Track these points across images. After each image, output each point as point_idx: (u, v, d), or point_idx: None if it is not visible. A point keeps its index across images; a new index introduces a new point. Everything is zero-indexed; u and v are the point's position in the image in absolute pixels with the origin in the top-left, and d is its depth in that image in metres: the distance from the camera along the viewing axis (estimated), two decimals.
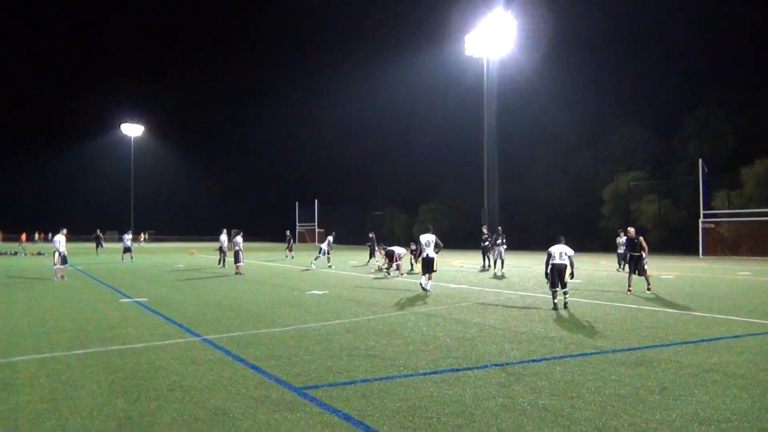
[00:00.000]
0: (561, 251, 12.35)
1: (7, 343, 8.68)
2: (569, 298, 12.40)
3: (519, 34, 46.84)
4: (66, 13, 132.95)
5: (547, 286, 12.58)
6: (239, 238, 23.19)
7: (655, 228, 45.77)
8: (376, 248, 29.56)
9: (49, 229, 28.65)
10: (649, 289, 15.37)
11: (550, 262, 12.32)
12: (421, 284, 15.85)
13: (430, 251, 15.87)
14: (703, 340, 8.84)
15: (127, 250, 33.15)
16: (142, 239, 76.32)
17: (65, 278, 19.87)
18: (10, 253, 42.42)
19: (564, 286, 12.24)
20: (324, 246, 28.05)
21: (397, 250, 22.67)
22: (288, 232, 39.17)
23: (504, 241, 23.77)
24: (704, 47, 55.55)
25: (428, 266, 15.88)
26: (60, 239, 19.92)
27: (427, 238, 16.04)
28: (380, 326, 10.13)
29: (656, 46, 60.63)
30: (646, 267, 15.52)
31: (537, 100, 57.91)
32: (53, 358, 7.58)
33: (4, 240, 69.85)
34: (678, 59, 58.09)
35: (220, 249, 28.64)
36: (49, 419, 5.13)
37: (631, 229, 16.89)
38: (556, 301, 12.28)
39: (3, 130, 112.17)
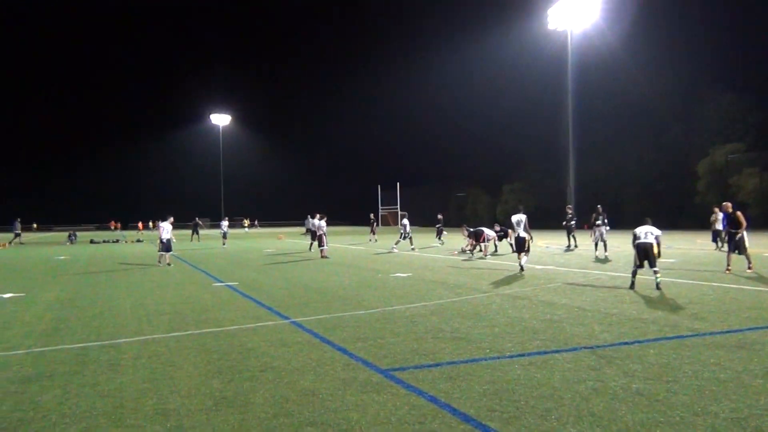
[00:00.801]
0: (646, 231, 12.14)
1: (112, 325, 9.23)
2: (661, 278, 11.90)
3: (604, 3, 45.09)
4: (161, 13, 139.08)
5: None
6: (323, 222, 23.57)
7: (757, 203, 43.08)
8: (444, 230, 30.92)
9: (158, 218, 31.02)
10: (750, 268, 14.52)
11: (635, 242, 12.18)
12: (520, 265, 15.92)
13: (520, 231, 16.00)
14: None
15: (225, 235, 35.06)
16: (245, 225, 78.48)
17: (171, 265, 20.24)
18: (113, 241, 45.10)
19: (653, 265, 11.85)
20: (402, 230, 28.22)
21: (485, 231, 22.34)
22: (372, 215, 39.54)
23: (605, 221, 22.55)
24: None
25: (519, 246, 16.02)
26: (165, 226, 20.74)
27: (518, 218, 16.14)
28: (465, 308, 10.09)
29: (756, 5, 56.33)
30: (745, 244, 14.67)
31: (624, 71, 55.25)
32: (153, 340, 8.01)
33: (122, 229, 75.13)
34: None
35: (313, 233, 29.15)
36: (150, 398, 5.42)
37: (728, 204, 15.98)
38: (634, 279, 12.13)
39: (102, 127, 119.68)
